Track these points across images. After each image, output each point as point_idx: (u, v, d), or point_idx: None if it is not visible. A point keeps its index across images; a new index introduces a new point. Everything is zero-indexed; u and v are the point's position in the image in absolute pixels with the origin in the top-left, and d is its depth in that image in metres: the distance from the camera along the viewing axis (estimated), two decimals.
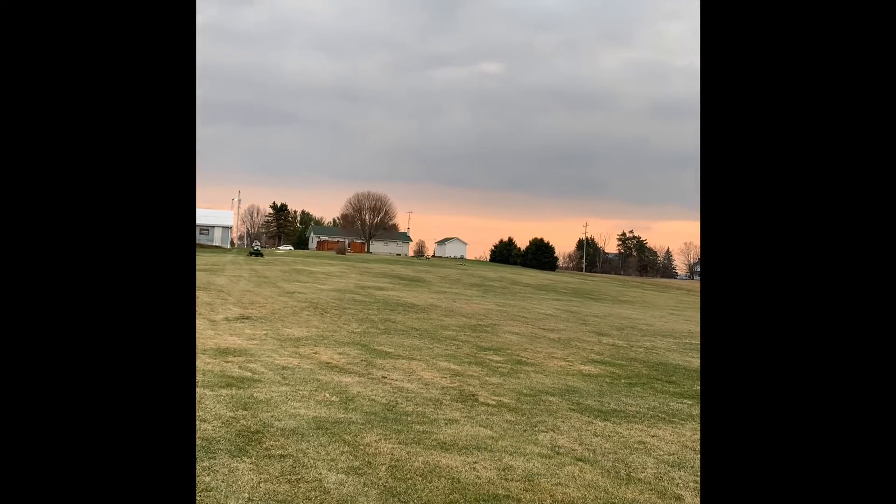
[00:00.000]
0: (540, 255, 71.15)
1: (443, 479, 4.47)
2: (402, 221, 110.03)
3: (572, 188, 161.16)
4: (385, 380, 7.60)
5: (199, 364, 7.55)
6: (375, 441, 5.17)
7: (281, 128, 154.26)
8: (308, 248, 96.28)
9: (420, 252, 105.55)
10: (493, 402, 6.86)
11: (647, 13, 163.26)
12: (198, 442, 4.73)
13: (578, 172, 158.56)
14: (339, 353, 9.11)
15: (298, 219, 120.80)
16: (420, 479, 4.44)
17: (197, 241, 58.25)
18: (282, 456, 4.67)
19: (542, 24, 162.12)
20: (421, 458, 4.84)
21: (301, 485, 4.18)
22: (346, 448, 4.95)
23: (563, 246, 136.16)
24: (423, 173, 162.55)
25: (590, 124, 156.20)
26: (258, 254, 49.00)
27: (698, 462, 5.07)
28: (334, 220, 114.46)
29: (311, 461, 4.62)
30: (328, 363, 8.36)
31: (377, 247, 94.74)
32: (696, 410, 7.18)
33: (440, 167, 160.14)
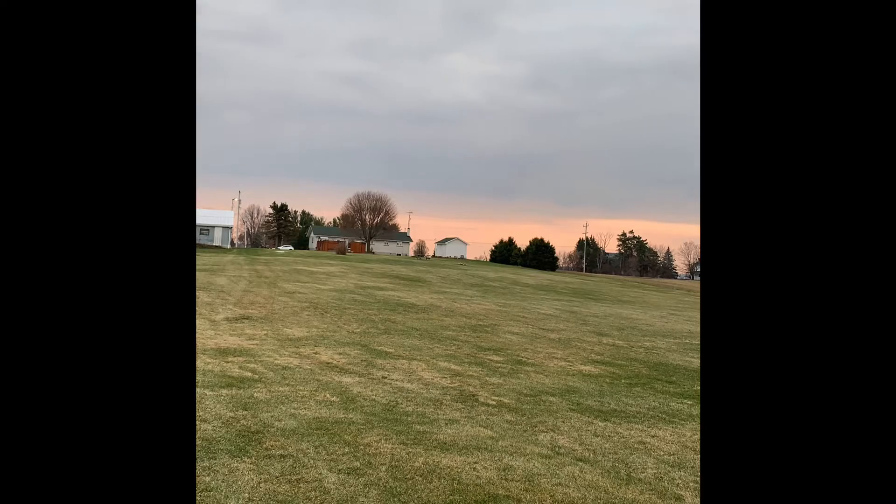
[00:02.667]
0: (540, 256, 71.12)
1: (443, 479, 4.47)
2: (402, 222, 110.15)
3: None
4: (385, 380, 7.60)
5: (199, 364, 7.55)
6: (376, 441, 5.17)
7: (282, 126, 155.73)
8: (308, 248, 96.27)
9: (420, 252, 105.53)
10: (494, 403, 6.86)
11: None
12: (198, 442, 4.73)
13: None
14: (340, 354, 9.10)
15: (298, 219, 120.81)
16: (420, 479, 4.44)
17: (197, 241, 58.21)
18: (282, 456, 4.67)
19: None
20: (421, 459, 4.84)
21: (301, 485, 4.18)
22: (347, 448, 4.95)
23: (563, 246, 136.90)
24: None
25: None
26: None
27: (698, 462, 5.07)
28: (334, 220, 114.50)
29: (312, 461, 4.62)
30: (328, 363, 8.36)
31: (377, 247, 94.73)
32: (696, 410, 7.18)
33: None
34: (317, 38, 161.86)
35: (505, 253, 78.79)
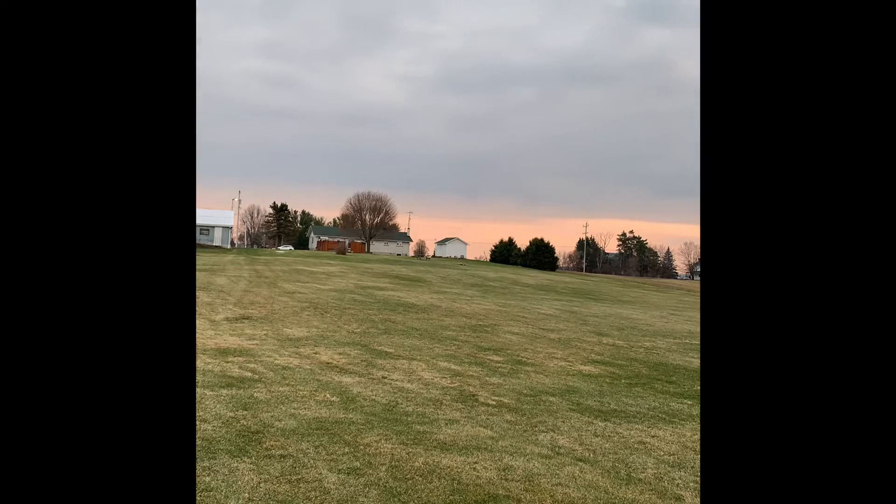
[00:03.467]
0: (540, 256, 71.13)
1: (443, 479, 4.47)
2: (402, 222, 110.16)
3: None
4: (385, 380, 7.60)
5: (199, 364, 7.55)
6: (376, 441, 5.17)
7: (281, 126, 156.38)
8: (308, 248, 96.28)
9: (420, 252, 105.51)
10: (494, 403, 6.86)
11: None
12: (198, 442, 4.73)
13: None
14: (340, 354, 9.10)
15: (298, 219, 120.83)
16: (420, 479, 4.44)
17: (197, 241, 58.21)
18: (282, 456, 4.67)
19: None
20: (421, 459, 4.84)
21: (301, 485, 4.18)
22: (347, 448, 4.95)
23: (564, 246, 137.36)
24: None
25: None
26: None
27: (698, 462, 5.07)
28: (334, 220, 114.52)
29: (312, 461, 4.62)
30: (328, 363, 8.36)
31: (377, 247, 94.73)
32: (696, 410, 7.18)
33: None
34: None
35: (505, 253, 78.79)
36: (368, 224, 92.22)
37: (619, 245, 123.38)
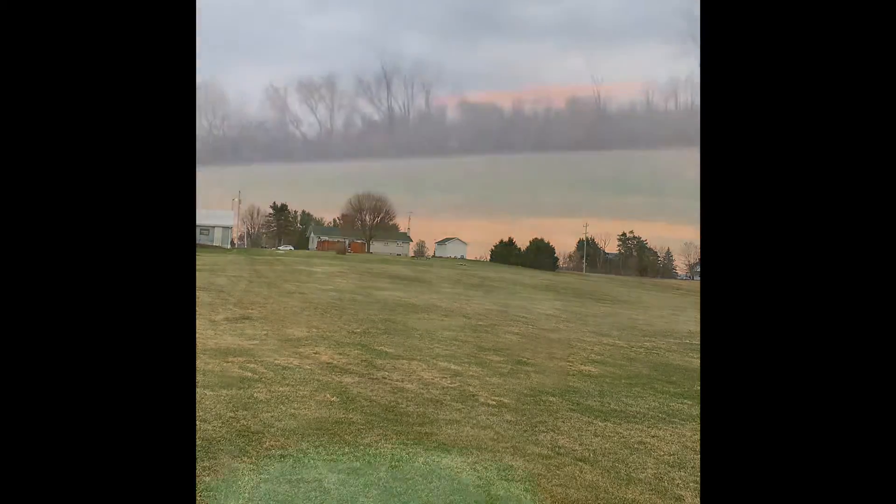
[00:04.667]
0: (540, 256, 71.15)
1: (443, 479, 4.47)
2: (402, 222, 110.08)
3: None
4: (385, 380, 7.60)
5: (199, 364, 7.55)
6: (376, 441, 5.17)
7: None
8: (308, 248, 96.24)
9: (420, 252, 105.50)
10: (494, 403, 6.86)
11: None
12: (198, 442, 4.73)
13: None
14: (340, 354, 9.10)
15: (298, 219, 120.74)
16: (420, 479, 4.44)
17: (197, 241, 58.14)
18: (282, 456, 4.67)
19: None
20: (421, 459, 4.84)
21: (301, 485, 4.18)
22: (347, 448, 4.95)
23: (564, 246, 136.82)
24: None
25: None
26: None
27: (698, 462, 5.07)
28: (334, 221, 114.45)
29: (312, 461, 4.62)
30: (328, 363, 8.35)
31: (377, 247, 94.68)
32: (696, 410, 7.18)
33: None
34: None
35: (505, 253, 78.77)
36: (368, 224, 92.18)
37: (619, 245, 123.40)
